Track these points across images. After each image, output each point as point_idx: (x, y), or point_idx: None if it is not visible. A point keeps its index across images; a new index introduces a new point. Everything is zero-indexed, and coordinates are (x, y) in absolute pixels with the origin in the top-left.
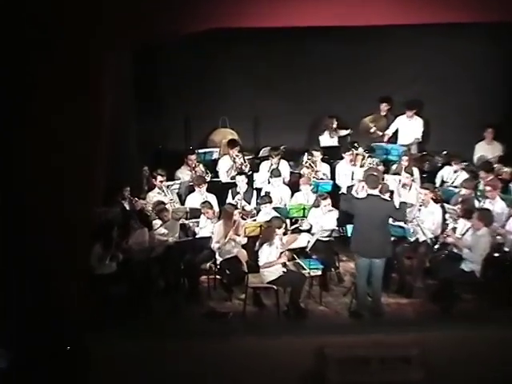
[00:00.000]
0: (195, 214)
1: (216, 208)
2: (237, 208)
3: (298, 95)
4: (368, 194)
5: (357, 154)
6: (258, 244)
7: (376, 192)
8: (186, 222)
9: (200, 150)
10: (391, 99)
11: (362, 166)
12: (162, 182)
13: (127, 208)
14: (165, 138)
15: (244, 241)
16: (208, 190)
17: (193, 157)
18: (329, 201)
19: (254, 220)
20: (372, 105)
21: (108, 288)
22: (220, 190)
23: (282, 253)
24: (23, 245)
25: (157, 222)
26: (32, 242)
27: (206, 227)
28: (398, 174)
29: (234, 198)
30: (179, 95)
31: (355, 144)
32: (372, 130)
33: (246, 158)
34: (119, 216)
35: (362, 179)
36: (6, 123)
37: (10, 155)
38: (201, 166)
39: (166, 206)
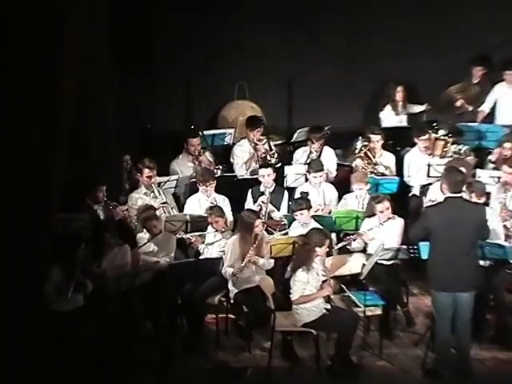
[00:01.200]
0: (199, 224)
1: (229, 216)
2: (259, 216)
3: (350, 52)
4: (447, 197)
5: (436, 139)
6: (289, 269)
7: (464, 196)
8: (186, 235)
9: (207, 132)
10: (488, 60)
11: (443, 157)
12: (150, 177)
13: (101, 216)
14: (155, 115)
15: (270, 264)
16: (218, 190)
17: (196, 141)
18: (386, 204)
19: (285, 234)
20: (459, 68)
21: (70, 332)
22: (235, 189)
23: (324, 282)
24: None
25: (143, 236)
26: None
27: (215, 244)
28: (497, 168)
29: (255, 202)
30: (175, 51)
31: (434, 124)
32: (458, 104)
33: (272, 143)
34: (89, 227)
35: (442, 176)
36: None
37: None
38: (207, 154)
39: (157, 213)
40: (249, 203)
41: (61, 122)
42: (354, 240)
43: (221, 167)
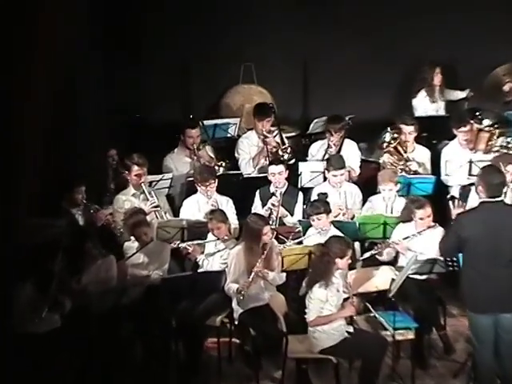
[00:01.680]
0: (197, 231)
1: (233, 221)
2: (269, 222)
3: (375, 29)
4: (483, 202)
5: (479, 131)
6: (304, 284)
7: (505, 200)
8: (182, 245)
9: (207, 122)
10: None
11: (487, 152)
12: (139, 175)
13: (80, 221)
14: (146, 102)
15: (281, 279)
16: (220, 191)
17: (194, 132)
18: (428, 211)
19: (300, 243)
20: (508, 47)
21: (45, 358)
22: (241, 190)
23: (346, 300)
24: None
25: (131, 245)
26: None
27: (217, 255)
28: None
29: (264, 205)
30: (171, 26)
31: (477, 113)
32: (507, 89)
33: (285, 135)
34: (66, 235)
35: (478, 176)
36: None
37: None
38: (207, 148)
39: (147, 218)
40: (256, 206)
41: (31, 111)
42: (385, 249)
43: (223, 164)
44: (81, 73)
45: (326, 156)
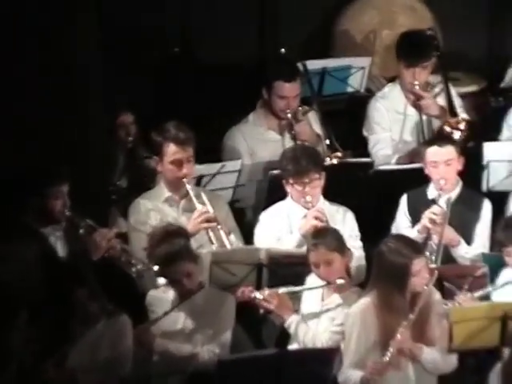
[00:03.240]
0: (287, 270)
1: (356, 251)
2: (424, 253)
3: None
4: None
5: None
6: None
7: None
8: (259, 295)
9: (312, 64)
10: None
11: None
12: (179, 163)
13: (60, 250)
14: (194, 28)
15: (448, 364)
16: (328, 195)
17: (289, 88)
18: None
19: (486, 298)
20: None
21: None
22: (370, 191)
23: None
24: None
25: (161, 297)
26: None
27: (323, 316)
28: None
29: (416, 221)
30: None
31: None
32: None
33: (457, 92)
34: (33, 276)
35: None
36: None
37: None
38: (311, 116)
39: (193, 244)
40: (400, 223)
41: None
42: None
43: (337, 144)
44: None
45: None
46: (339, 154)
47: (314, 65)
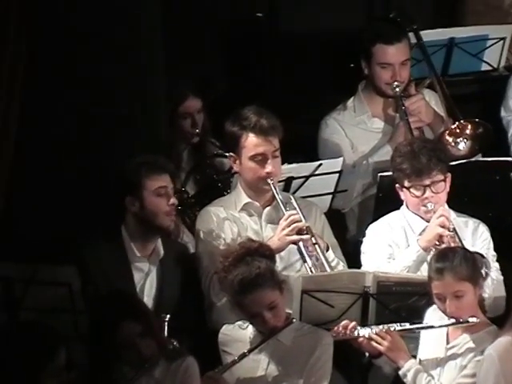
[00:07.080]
0: (402, 302)
1: (496, 279)
2: None
3: None
4: None
5: None
6: None
7: None
8: (364, 333)
9: (427, 34)
10: None
11: None
12: (263, 159)
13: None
14: None
15: None
16: (453, 202)
17: (395, 53)
18: None
19: None
20: None
21: None
22: None
23: None
24: None
25: (237, 335)
26: None
27: (454, 364)
28: None
29: None
30: None
31: None
32: None
33: None
34: (78, 306)
35: None
36: None
37: None
38: (431, 98)
39: (278, 265)
40: None
41: None
42: None
43: (466, 140)
44: None
45: None
46: (466, 141)
47: (437, 35)
